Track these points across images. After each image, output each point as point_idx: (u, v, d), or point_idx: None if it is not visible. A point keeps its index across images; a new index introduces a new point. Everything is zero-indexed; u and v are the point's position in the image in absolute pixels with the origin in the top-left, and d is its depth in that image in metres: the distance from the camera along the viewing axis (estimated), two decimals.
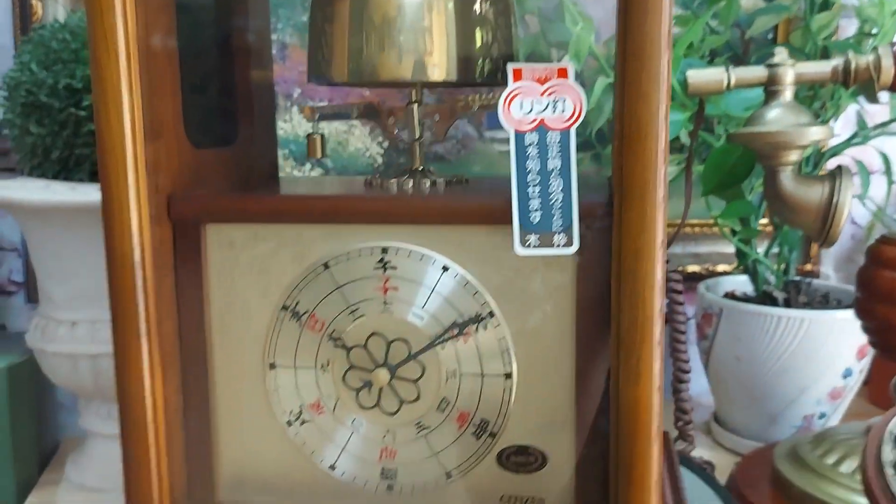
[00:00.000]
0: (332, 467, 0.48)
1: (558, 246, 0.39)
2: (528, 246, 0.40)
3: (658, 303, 0.37)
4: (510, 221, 0.40)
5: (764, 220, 0.90)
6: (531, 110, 0.39)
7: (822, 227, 0.61)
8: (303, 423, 0.47)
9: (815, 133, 0.59)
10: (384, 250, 0.44)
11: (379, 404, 0.46)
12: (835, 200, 0.61)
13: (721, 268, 0.97)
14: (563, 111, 0.39)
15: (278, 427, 0.48)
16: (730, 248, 0.95)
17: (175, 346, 0.47)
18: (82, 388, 0.66)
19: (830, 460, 0.63)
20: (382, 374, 0.45)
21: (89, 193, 0.61)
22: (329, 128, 0.89)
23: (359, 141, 0.90)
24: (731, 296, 0.86)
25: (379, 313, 0.45)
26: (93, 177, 0.64)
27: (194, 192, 0.47)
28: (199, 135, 0.48)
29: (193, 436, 0.48)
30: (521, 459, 0.44)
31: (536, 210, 0.39)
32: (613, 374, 0.39)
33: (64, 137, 0.62)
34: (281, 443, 0.48)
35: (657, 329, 0.38)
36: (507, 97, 0.40)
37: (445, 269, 0.43)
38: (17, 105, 0.64)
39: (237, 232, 0.46)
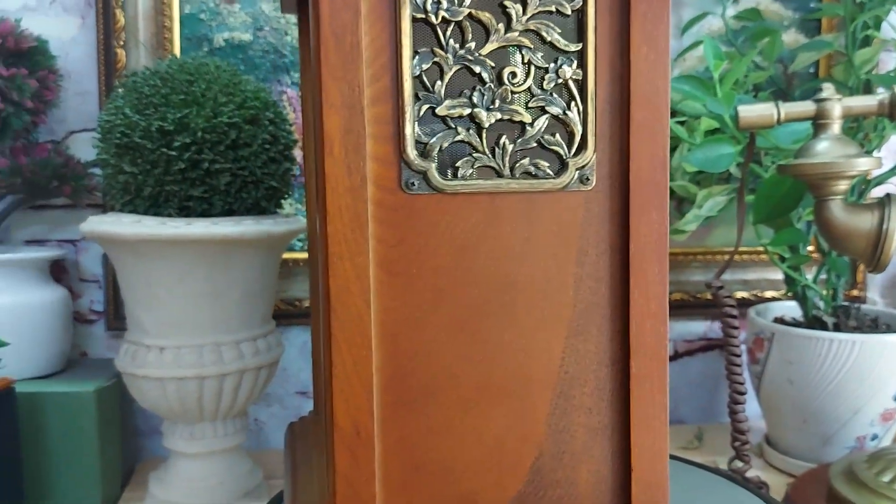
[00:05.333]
0: None
1: None
2: None
3: None
4: None
5: (811, 247, 0.93)
6: None
7: (873, 253, 0.64)
8: None
9: (864, 164, 0.62)
10: None
11: None
12: (884, 227, 0.63)
13: (769, 293, 0.99)
14: None
15: None
16: (777, 275, 0.98)
17: None
18: (169, 409, 0.70)
19: (886, 478, 0.65)
20: None
21: (178, 227, 0.65)
22: None
23: None
24: (780, 320, 0.88)
25: None
26: (180, 212, 0.69)
27: None
28: None
29: None
30: None
31: None
32: None
33: (155, 175, 0.67)
34: None
35: None
36: None
37: None
38: (112, 146, 0.69)
39: None
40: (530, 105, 0.43)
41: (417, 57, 0.42)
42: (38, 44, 0.82)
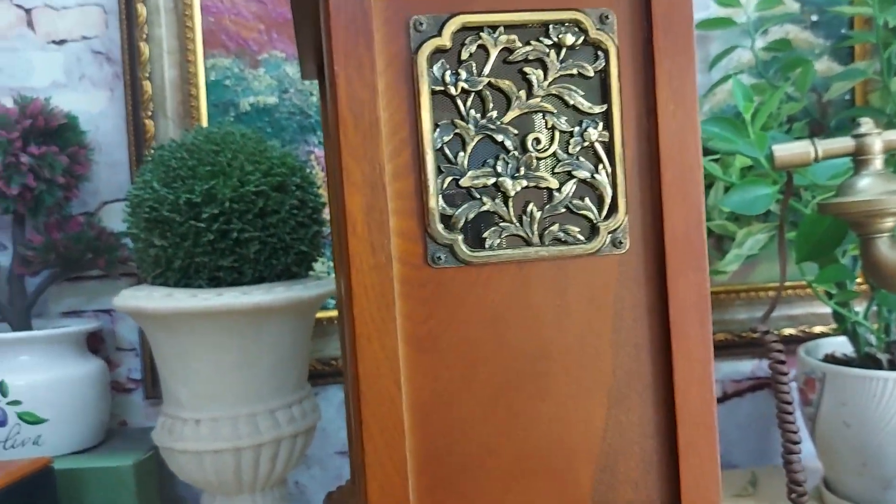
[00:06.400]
0: None
1: None
2: None
3: None
4: None
5: (860, 280, 0.90)
6: None
7: None
8: None
9: None
10: None
11: None
12: None
13: (818, 329, 0.96)
14: None
15: None
16: (825, 309, 0.94)
17: None
18: (207, 482, 0.69)
19: None
20: None
21: (209, 299, 0.65)
22: None
23: None
24: (831, 358, 0.85)
25: None
26: (211, 282, 0.68)
27: None
28: None
29: None
30: None
31: None
32: None
33: (185, 248, 0.67)
34: None
35: None
36: None
37: None
38: (141, 220, 0.69)
39: None
40: (556, 170, 0.42)
41: (438, 129, 0.41)
42: (69, 120, 0.83)
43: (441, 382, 0.42)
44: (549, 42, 0.41)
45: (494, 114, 0.42)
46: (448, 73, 0.41)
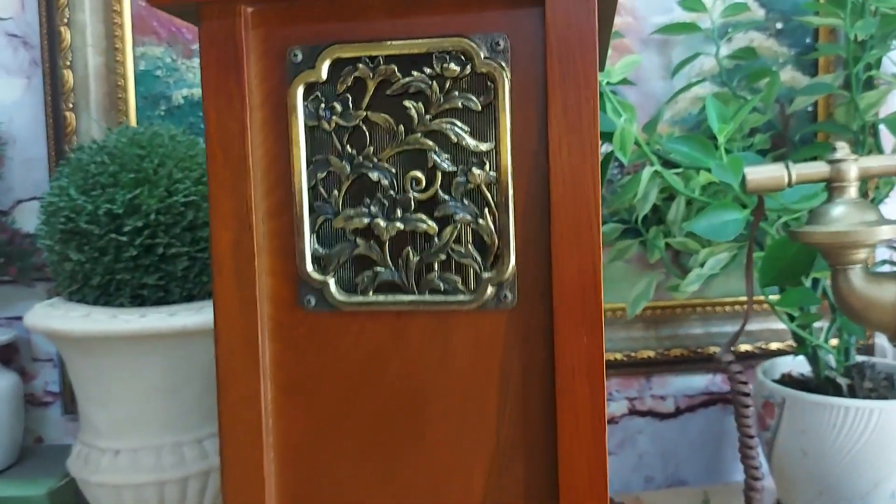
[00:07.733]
0: None
1: None
2: None
3: None
4: None
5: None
6: None
7: None
8: None
9: (886, 232, 0.57)
10: None
11: None
12: None
13: (774, 346, 0.94)
14: None
15: None
16: (782, 325, 0.92)
17: None
18: None
19: None
20: None
21: (131, 321, 0.59)
22: None
23: None
24: (788, 377, 0.83)
25: None
26: (133, 301, 0.62)
27: None
28: None
29: None
30: None
31: None
32: None
33: (104, 263, 0.61)
34: None
35: None
36: None
37: None
38: (56, 231, 0.62)
39: None
40: (436, 213, 0.38)
41: (312, 166, 0.38)
42: None
43: (309, 428, 0.40)
44: (432, 73, 0.37)
45: (371, 150, 0.38)
46: (322, 107, 0.38)
